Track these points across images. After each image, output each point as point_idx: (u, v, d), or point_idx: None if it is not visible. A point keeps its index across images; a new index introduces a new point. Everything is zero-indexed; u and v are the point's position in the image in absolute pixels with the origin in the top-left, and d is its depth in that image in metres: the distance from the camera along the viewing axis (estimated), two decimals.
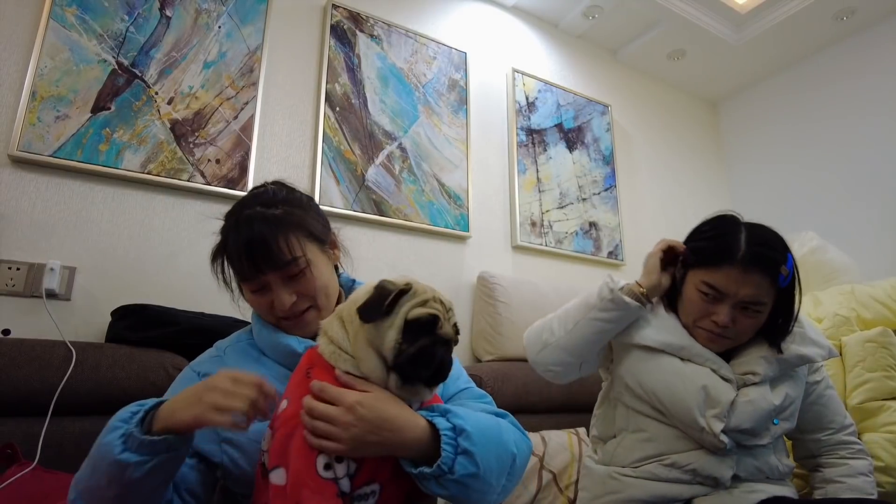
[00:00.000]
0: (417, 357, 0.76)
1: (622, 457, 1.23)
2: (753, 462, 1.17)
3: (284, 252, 0.91)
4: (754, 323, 1.17)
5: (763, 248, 1.14)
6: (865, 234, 2.76)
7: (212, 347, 1.05)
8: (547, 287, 2.31)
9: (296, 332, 0.96)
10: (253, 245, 0.91)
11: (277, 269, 0.92)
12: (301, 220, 0.96)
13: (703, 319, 1.18)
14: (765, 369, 1.17)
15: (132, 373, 1.36)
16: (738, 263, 1.12)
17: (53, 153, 1.59)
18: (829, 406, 1.29)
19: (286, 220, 0.94)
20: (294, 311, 0.94)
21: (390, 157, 2.21)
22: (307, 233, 0.96)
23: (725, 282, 1.13)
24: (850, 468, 1.24)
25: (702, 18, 2.90)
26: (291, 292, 0.93)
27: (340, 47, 2.20)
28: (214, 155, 1.84)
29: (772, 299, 1.15)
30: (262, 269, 0.91)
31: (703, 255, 1.19)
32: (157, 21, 1.83)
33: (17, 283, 1.50)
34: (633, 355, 1.24)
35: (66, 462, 1.22)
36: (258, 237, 0.91)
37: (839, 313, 1.94)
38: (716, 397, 1.14)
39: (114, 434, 0.74)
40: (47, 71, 1.63)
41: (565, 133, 2.79)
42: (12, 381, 1.25)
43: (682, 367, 1.19)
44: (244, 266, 0.92)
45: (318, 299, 0.96)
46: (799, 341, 1.21)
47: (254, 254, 0.91)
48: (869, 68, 2.92)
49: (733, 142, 3.55)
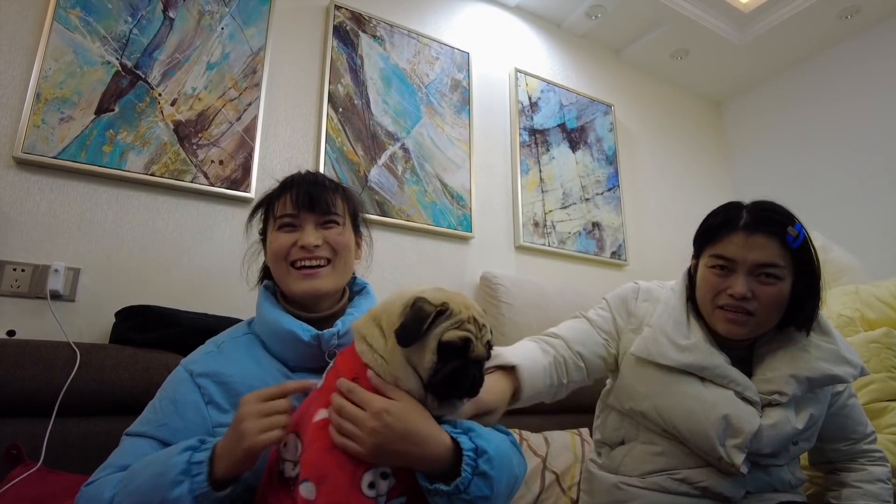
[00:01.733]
0: (450, 379, 0.76)
1: (630, 467, 1.19)
2: (766, 478, 1.14)
3: (332, 204, 1.00)
4: (775, 293, 1.09)
5: (765, 212, 1.12)
6: (870, 233, 2.75)
7: (205, 344, 1.03)
8: (550, 287, 2.31)
9: (304, 281, 0.97)
10: (313, 187, 1.00)
11: (318, 212, 0.99)
12: (352, 200, 1.07)
13: (719, 296, 1.12)
14: (793, 389, 1.10)
15: (136, 374, 1.37)
16: (742, 229, 1.10)
17: (57, 155, 1.60)
18: (851, 416, 1.23)
19: (343, 190, 1.06)
20: (314, 253, 0.97)
21: (393, 158, 2.21)
22: (353, 210, 1.06)
23: (732, 248, 1.10)
24: (869, 473, 1.21)
25: (705, 18, 2.89)
26: (320, 236, 0.98)
27: (343, 48, 2.21)
28: (218, 156, 1.84)
29: (788, 264, 1.09)
30: (307, 205, 0.98)
31: (709, 232, 1.17)
32: (161, 23, 1.84)
33: (21, 284, 1.50)
34: (652, 375, 1.17)
35: (70, 463, 1.22)
36: (320, 183, 1.02)
37: (843, 314, 1.94)
38: (738, 427, 1.08)
39: (180, 489, 0.73)
40: (51, 73, 1.63)
41: (568, 133, 2.79)
42: (17, 382, 1.25)
43: (704, 393, 1.12)
44: (297, 199, 0.98)
45: (337, 257, 1.00)
46: (831, 359, 1.13)
47: (309, 190, 0.99)
48: (874, 67, 2.90)
49: (737, 141, 3.54)
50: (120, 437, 0.94)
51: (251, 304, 1.08)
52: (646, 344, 1.18)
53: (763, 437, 1.08)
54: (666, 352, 1.15)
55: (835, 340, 1.16)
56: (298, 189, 1.00)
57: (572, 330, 1.25)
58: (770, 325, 1.14)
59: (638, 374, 1.19)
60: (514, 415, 1.79)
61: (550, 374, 1.14)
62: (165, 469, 0.75)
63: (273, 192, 1.05)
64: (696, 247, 1.21)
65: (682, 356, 1.14)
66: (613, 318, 1.27)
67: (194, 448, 0.77)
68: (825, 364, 1.12)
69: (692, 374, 1.14)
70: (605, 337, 1.25)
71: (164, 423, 0.89)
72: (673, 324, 1.18)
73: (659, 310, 1.22)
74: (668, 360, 1.14)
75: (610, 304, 1.30)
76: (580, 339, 1.22)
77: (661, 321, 1.20)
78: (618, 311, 1.28)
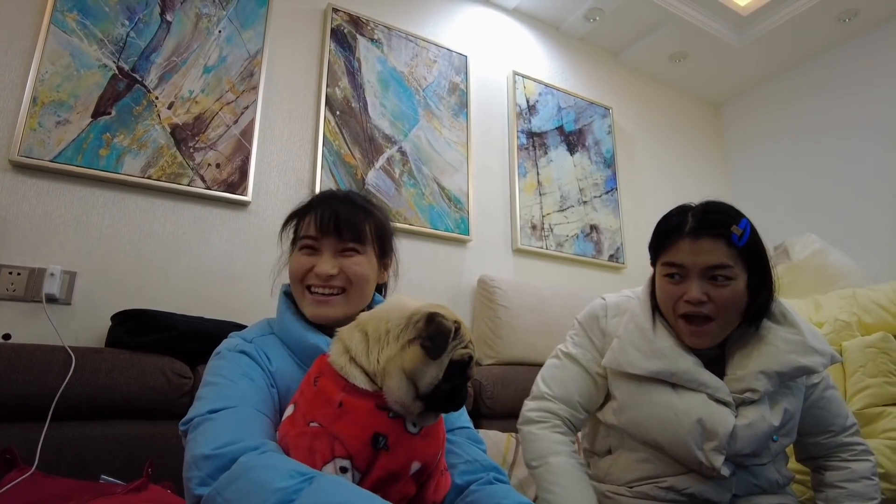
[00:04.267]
0: (450, 395, 0.78)
1: (617, 476, 1.20)
2: (752, 480, 1.13)
3: (356, 229, 0.97)
4: (730, 294, 1.09)
5: (708, 214, 1.13)
6: (868, 237, 2.75)
7: (231, 338, 0.98)
8: (548, 290, 2.31)
9: (316, 308, 0.96)
10: (341, 209, 0.97)
11: (339, 236, 0.96)
12: (382, 222, 1.04)
13: (677, 303, 1.13)
14: (764, 385, 1.10)
15: (132, 378, 1.37)
16: (688, 235, 1.12)
17: (54, 158, 1.60)
18: (828, 409, 1.22)
19: (373, 213, 1.02)
20: (328, 282, 0.96)
21: (391, 161, 2.21)
22: (380, 235, 1.03)
23: (681, 255, 1.12)
24: (852, 472, 1.19)
25: (704, 21, 2.90)
26: (337, 265, 0.96)
27: (341, 51, 2.21)
28: (215, 159, 1.84)
29: (738, 263, 1.10)
30: (329, 229, 0.96)
31: (659, 239, 1.19)
32: (158, 26, 1.84)
33: (17, 287, 1.50)
34: (624, 387, 1.18)
35: (65, 467, 1.22)
36: (349, 205, 0.99)
37: (840, 318, 1.93)
38: (713, 429, 1.08)
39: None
40: (48, 76, 1.63)
41: (566, 136, 2.79)
42: (12, 386, 1.25)
43: (675, 400, 1.12)
44: (323, 221, 0.96)
45: (352, 287, 0.97)
46: (798, 350, 1.13)
47: (336, 211, 0.96)
48: (872, 70, 2.91)
49: (735, 144, 3.54)
50: (114, 443, 0.93)
51: (248, 308, 1.09)
52: (614, 355, 1.18)
53: (739, 437, 1.08)
54: (634, 360, 1.15)
55: (801, 331, 1.16)
56: (324, 209, 0.97)
57: (562, 383, 1.24)
58: (732, 326, 1.14)
59: (615, 386, 1.20)
60: (509, 420, 1.79)
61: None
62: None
63: (302, 208, 1.03)
64: (651, 255, 1.23)
65: (650, 364, 1.14)
66: (591, 341, 1.26)
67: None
68: (793, 356, 1.12)
69: (663, 381, 1.14)
70: (595, 369, 1.24)
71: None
72: (639, 332, 1.18)
73: (625, 320, 1.23)
74: (637, 368, 1.14)
75: (584, 328, 1.29)
76: (574, 389, 1.22)
77: (626, 331, 1.20)
78: (592, 332, 1.27)
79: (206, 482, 0.72)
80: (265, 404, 0.85)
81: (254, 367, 0.90)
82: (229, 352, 0.92)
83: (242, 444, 0.74)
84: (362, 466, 0.75)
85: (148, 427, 1.37)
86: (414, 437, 0.79)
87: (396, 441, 0.76)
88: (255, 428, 0.79)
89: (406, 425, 0.78)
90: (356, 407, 0.76)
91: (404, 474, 0.78)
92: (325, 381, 0.79)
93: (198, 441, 0.77)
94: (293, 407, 0.80)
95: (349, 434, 0.75)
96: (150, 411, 1.37)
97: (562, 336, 1.34)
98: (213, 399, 0.83)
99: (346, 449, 0.74)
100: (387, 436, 0.76)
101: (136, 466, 1.24)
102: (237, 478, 0.70)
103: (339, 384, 0.78)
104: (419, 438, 0.79)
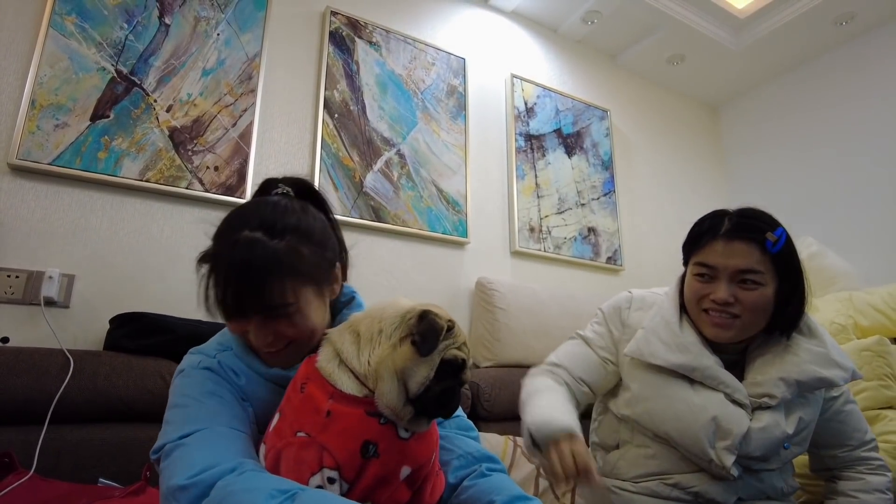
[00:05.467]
0: (440, 397, 0.76)
1: (624, 470, 1.20)
2: (758, 485, 1.14)
3: (274, 297, 0.79)
4: (757, 297, 1.10)
5: (745, 219, 1.14)
6: (864, 240, 2.76)
7: (193, 354, 0.91)
8: (545, 293, 2.31)
9: (273, 361, 0.87)
10: (242, 280, 0.79)
11: (258, 314, 0.81)
12: (304, 261, 0.83)
13: (703, 300, 1.14)
14: (782, 392, 1.11)
15: (130, 381, 1.37)
16: (722, 237, 1.12)
17: (52, 161, 1.60)
18: (847, 423, 1.22)
19: (286, 261, 0.81)
20: (270, 347, 0.84)
21: (389, 164, 2.22)
22: (307, 277, 0.84)
23: (713, 256, 1.13)
24: (866, 483, 1.19)
25: (701, 23, 2.91)
26: (270, 333, 0.82)
27: (339, 54, 2.21)
28: (213, 162, 1.84)
29: (769, 270, 1.10)
30: (242, 309, 0.81)
31: (693, 239, 1.19)
32: (157, 29, 1.84)
33: (15, 290, 1.51)
34: (642, 378, 1.19)
35: (63, 471, 1.22)
36: (250, 275, 0.79)
37: (836, 321, 1.94)
38: (727, 428, 1.09)
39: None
40: (47, 79, 1.64)
41: (564, 138, 2.80)
42: (10, 390, 1.25)
43: (692, 396, 1.13)
44: (227, 299, 0.80)
45: (301, 341, 0.85)
46: (820, 362, 1.13)
47: (241, 291, 0.79)
48: (869, 73, 2.92)
49: (732, 146, 3.55)
50: (112, 446, 0.92)
51: None
52: (638, 344, 1.19)
53: (752, 440, 1.09)
54: (657, 351, 1.16)
55: (824, 343, 1.17)
56: (227, 281, 0.79)
57: (571, 357, 1.26)
58: (756, 329, 1.15)
59: (632, 377, 1.21)
60: (508, 421, 1.80)
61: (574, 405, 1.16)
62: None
63: (207, 258, 0.85)
64: (684, 254, 1.24)
65: (673, 356, 1.15)
66: (609, 331, 1.28)
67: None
68: (814, 367, 1.13)
69: (682, 376, 1.15)
70: (604, 354, 1.26)
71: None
72: (665, 325, 1.19)
73: (652, 313, 1.24)
74: (659, 359, 1.15)
75: (605, 316, 1.31)
76: (581, 365, 1.24)
77: (653, 323, 1.21)
78: (612, 322, 1.29)
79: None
80: (237, 420, 0.81)
81: (220, 383, 0.85)
82: (193, 369, 0.86)
83: (219, 469, 0.71)
84: (351, 476, 0.74)
85: (146, 430, 1.37)
86: (405, 442, 0.77)
87: (387, 448, 0.75)
88: (230, 447, 0.76)
89: (398, 431, 0.77)
90: (345, 415, 0.74)
91: (394, 478, 0.77)
92: (312, 388, 0.77)
93: (172, 471, 0.73)
94: (279, 415, 0.79)
95: (338, 444, 0.73)
96: (148, 414, 1.37)
97: (560, 338, 1.35)
98: (182, 423, 0.78)
99: (335, 459, 0.72)
100: (377, 443, 0.74)
101: (134, 470, 1.25)
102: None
103: (326, 391, 0.76)
104: (411, 442, 0.78)
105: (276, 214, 0.84)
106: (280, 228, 0.82)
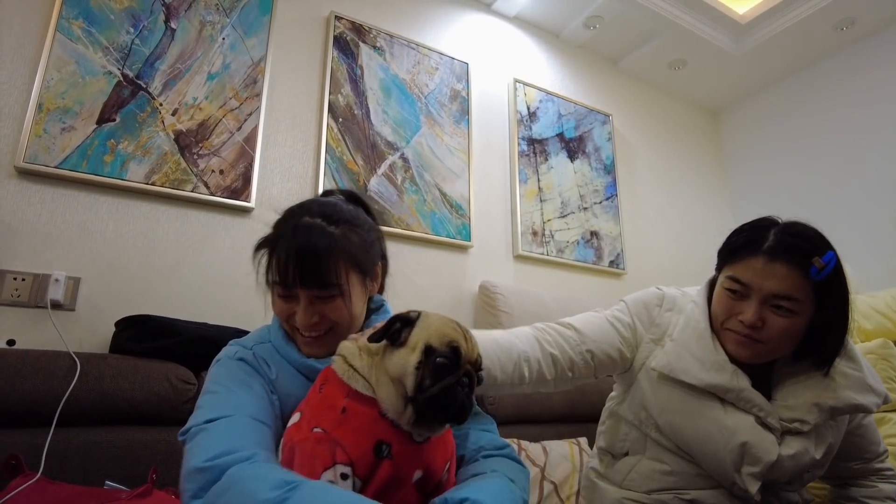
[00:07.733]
0: (438, 398, 0.74)
1: (637, 483, 1.15)
2: (775, 501, 1.11)
3: (329, 275, 0.88)
4: (788, 325, 1.01)
5: (792, 238, 1.02)
6: (866, 243, 2.76)
7: (231, 345, 0.97)
8: (548, 296, 2.32)
9: (307, 348, 0.93)
10: (303, 257, 0.87)
11: (314, 288, 0.89)
12: (356, 248, 0.92)
13: (730, 319, 1.06)
14: (815, 418, 1.04)
15: (136, 384, 1.37)
16: (763, 253, 1.02)
17: (59, 164, 1.61)
18: (865, 436, 1.19)
19: (342, 244, 0.90)
20: (313, 330, 0.91)
21: (392, 168, 2.22)
22: (357, 262, 0.92)
23: (749, 273, 1.03)
24: (878, 490, 1.18)
25: (702, 28, 2.92)
26: (316, 313, 0.90)
27: (343, 58, 2.22)
28: (218, 166, 1.85)
29: (808, 298, 1.00)
30: (300, 283, 0.88)
31: (731, 250, 1.09)
32: (163, 33, 1.85)
33: (22, 293, 1.51)
34: (668, 392, 1.11)
35: (70, 473, 1.22)
36: (310, 251, 0.87)
37: None
38: (757, 455, 1.02)
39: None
40: (53, 83, 1.64)
41: (566, 142, 2.81)
42: (17, 392, 1.25)
43: (723, 418, 1.06)
44: (287, 272, 0.88)
45: (338, 326, 0.92)
46: (856, 388, 1.06)
47: (301, 266, 0.87)
48: (869, 77, 2.93)
49: (734, 150, 3.56)
50: (119, 449, 0.93)
51: (252, 314, 1.08)
52: (668, 359, 1.11)
53: (781, 467, 1.03)
54: (690, 369, 1.08)
55: (861, 367, 1.09)
56: (287, 258, 0.88)
57: (589, 324, 1.17)
58: (781, 354, 1.08)
59: (657, 390, 1.13)
60: (512, 424, 1.80)
61: (525, 366, 1.08)
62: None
63: (269, 240, 0.94)
64: (718, 260, 1.15)
65: (708, 376, 1.07)
66: (633, 325, 1.19)
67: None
68: (850, 393, 1.05)
69: (713, 395, 1.08)
70: (623, 340, 1.17)
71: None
72: (697, 340, 1.11)
73: (681, 323, 1.15)
74: (694, 378, 1.07)
75: (630, 309, 1.21)
76: (595, 336, 1.15)
77: (684, 336, 1.12)
78: (639, 317, 1.20)
79: (198, 495, 0.72)
80: (263, 412, 0.84)
81: (252, 375, 0.89)
82: (228, 359, 0.92)
83: (235, 456, 0.73)
84: (364, 474, 0.74)
85: (152, 433, 1.37)
86: (419, 446, 0.77)
87: (400, 450, 0.75)
88: (250, 437, 0.79)
89: (412, 434, 0.77)
90: (360, 413, 0.76)
91: (406, 481, 0.77)
92: (329, 388, 0.79)
93: (192, 452, 0.76)
94: (299, 415, 0.80)
95: (351, 440, 0.74)
96: (154, 417, 1.37)
97: None
98: (210, 408, 0.82)
99: (348, 455, 0.73)
100: (390, 444, 0.75)
101: (141, 472, 1.24)
102: (225, 490, 0.70)
103: (343, 390, 0.78)
104: (425, 447, 0.78)
105: (333, 208, 0.95)
106: (336, 218, 0.93)
